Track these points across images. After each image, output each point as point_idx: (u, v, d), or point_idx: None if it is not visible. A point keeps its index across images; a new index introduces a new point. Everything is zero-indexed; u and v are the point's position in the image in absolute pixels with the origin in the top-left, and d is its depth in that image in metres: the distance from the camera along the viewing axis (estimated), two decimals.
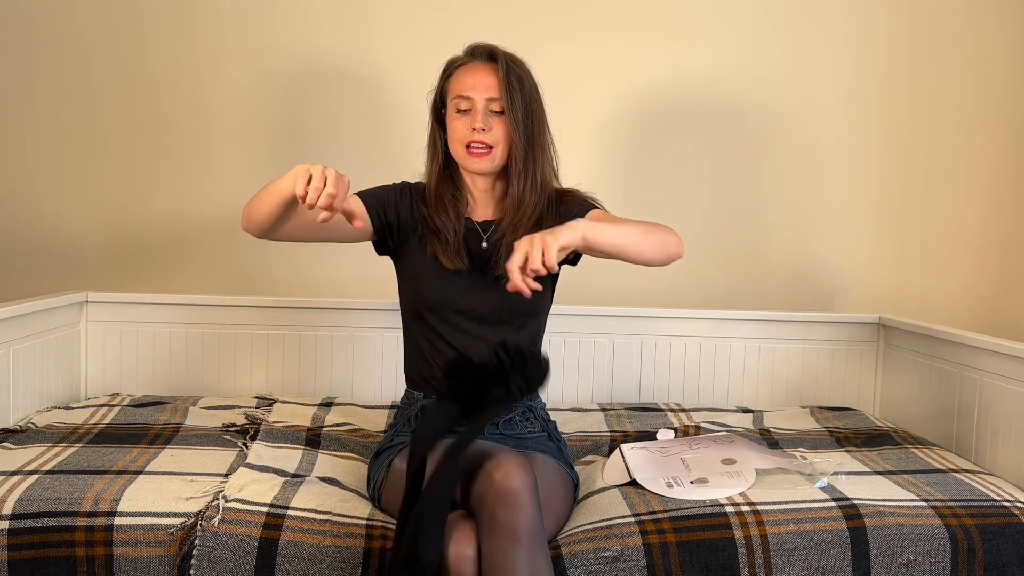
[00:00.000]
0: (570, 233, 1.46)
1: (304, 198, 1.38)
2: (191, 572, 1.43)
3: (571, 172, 1.86)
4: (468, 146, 1.65)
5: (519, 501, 1.32)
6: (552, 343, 2.35)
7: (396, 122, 2.51)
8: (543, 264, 1.40)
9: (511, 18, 2.53)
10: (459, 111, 1.65)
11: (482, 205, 1.73)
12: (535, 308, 1.71)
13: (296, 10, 2.50)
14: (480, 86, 1.64)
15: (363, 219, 1.65)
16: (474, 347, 1.66)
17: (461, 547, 1.34)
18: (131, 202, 2.51)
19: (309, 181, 1.38)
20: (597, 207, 1.73)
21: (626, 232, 1.53)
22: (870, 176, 2.62)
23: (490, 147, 1.65)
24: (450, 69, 1.70)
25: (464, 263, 1.67)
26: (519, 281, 1.41)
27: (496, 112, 1.64)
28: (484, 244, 1.70)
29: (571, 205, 1.71)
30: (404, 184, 1.77)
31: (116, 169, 2.50)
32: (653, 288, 2.59)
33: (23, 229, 2.50)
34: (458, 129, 1.66)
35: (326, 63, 2.52)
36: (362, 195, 1.70)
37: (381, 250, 1.76)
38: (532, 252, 1.40)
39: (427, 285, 1.69)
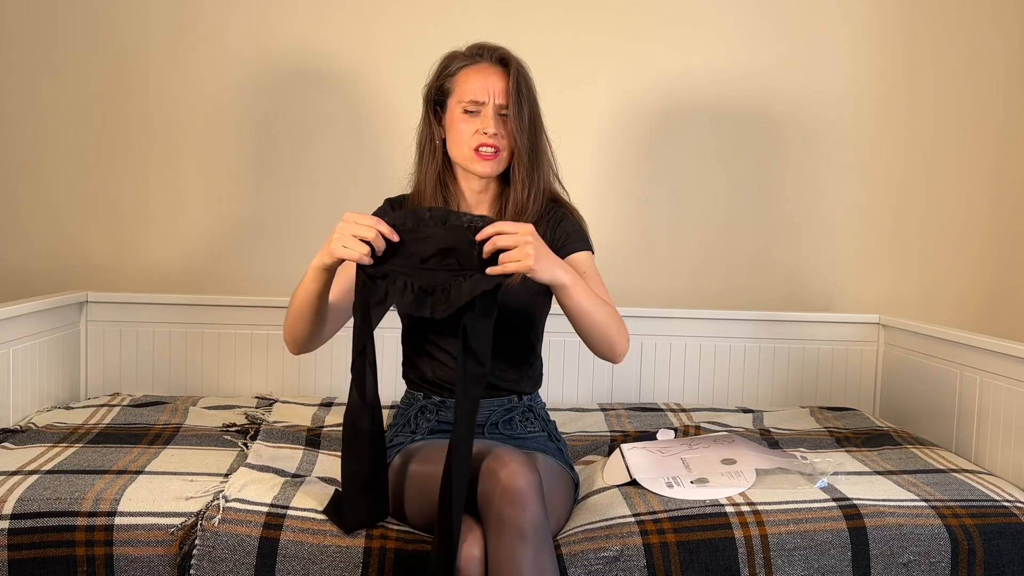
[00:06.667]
0: (560, 275, 1.43)
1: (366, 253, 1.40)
2: (191, 572, 1.43)
3: (571, 175, 1.85)
4: (476, 148, 1.61)
5: (525, 499, 1.32)
6: (552, 343, 2.35)
7: (382, 123, 2.51)
8: (502, 265, 1.38)
9: (507, 19, 2.53)
10: (466, 112, 1.62)
11: (475, 206, 1.71)
12: (530, 310, 1.69)
13: (288, 13, 2.50)
14: (493, 90, 1.60)
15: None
16: None
17: (468, 547, 1.34)
18: (131, 202, 2.51)
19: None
20: (587, 250, 1.68)
21: (594, 309, 1.50)
22: (870, 176, 2.62)
23: (498, 150, 1.62)
24: (453, 67, 1.65)
25: None
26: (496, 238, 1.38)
27: (503, 116, 1.62)
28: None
29: (568, 229, 1.68)
30: (386, 204, 1.74)
31: (115, 169, 2.51)
32: (653, 288, 2.59)
33: (23, 229, 2.50)
34: (464, 132, 1.62)
35: (318, 65, 2.52)
36: None
37: None
38: (516, 254, 1.38)
39: None
